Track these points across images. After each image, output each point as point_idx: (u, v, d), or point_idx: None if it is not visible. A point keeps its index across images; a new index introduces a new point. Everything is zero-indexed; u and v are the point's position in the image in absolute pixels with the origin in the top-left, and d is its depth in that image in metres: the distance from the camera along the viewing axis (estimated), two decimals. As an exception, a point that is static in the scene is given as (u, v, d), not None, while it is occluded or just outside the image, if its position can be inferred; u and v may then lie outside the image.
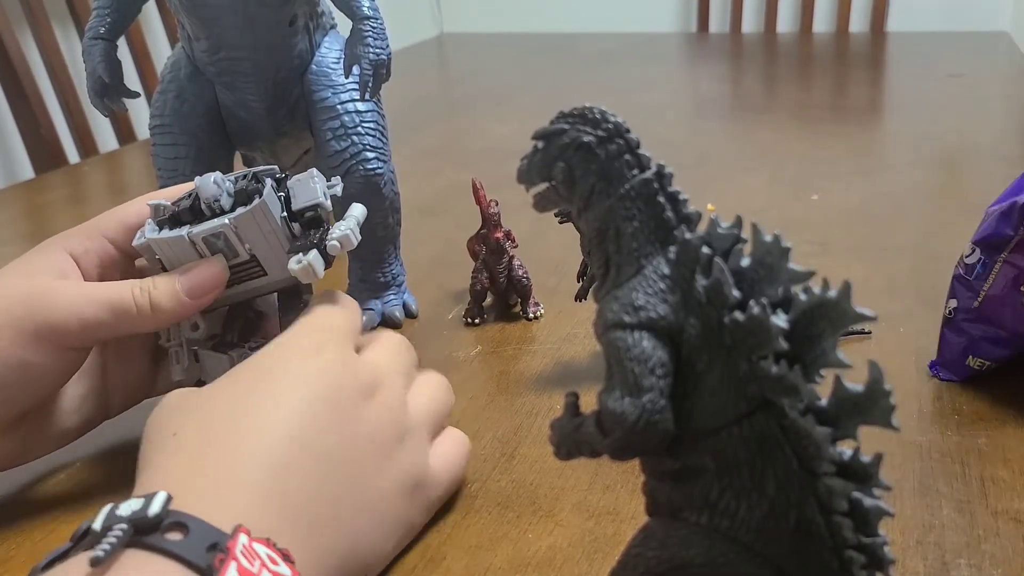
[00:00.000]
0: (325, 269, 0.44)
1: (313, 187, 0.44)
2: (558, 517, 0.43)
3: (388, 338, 0.45)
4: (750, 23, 2.00)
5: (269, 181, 0.45)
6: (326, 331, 0.41)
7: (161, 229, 0.45)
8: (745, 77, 1.48)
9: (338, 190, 0.46)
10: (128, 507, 0.31)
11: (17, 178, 1.47)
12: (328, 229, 0.44)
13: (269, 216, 0.44)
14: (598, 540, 0.41)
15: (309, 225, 0.45)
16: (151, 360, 0.50)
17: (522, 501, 0.44)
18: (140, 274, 0.50)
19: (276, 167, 0.46)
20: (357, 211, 0.45)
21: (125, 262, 0.49)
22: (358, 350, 0.42)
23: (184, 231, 0.45)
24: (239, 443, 0.35)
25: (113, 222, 0.48)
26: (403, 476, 0.40)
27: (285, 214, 0.44)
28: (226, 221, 0.44)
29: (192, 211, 0.45)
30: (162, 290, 0.45)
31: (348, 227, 0.44)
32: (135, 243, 0.46)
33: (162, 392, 0.48)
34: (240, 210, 0.44)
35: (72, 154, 1.38)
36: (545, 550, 0.41)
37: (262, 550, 0.31)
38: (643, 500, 0.31)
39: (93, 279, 0.47)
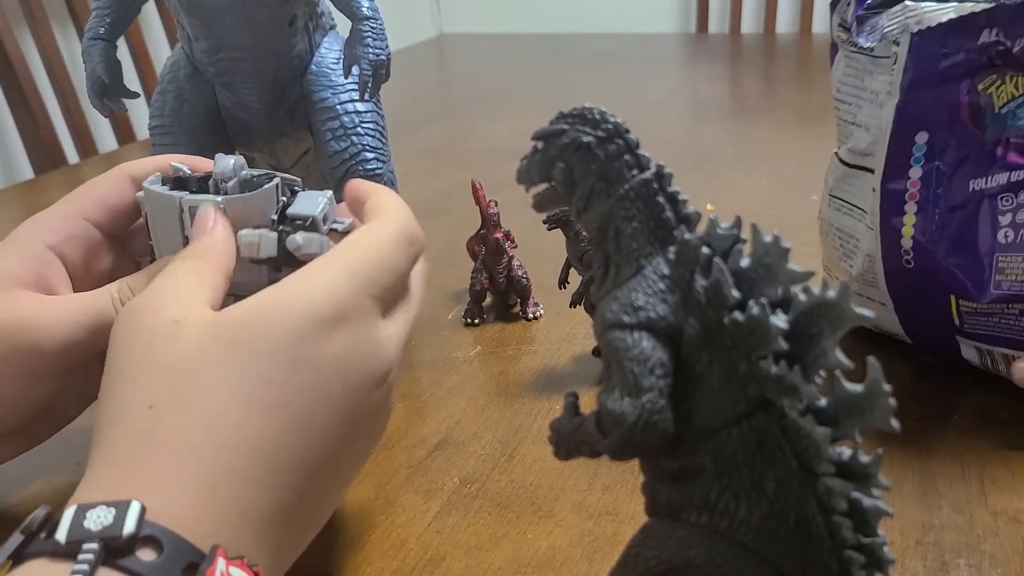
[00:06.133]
0: (270, 259, 0.41)
1: (316, 202, 0.43)
2: (558, 517, 0.43)
3: (375, 242, 0.37)
4: (749, 24, 2.00)
5: (277, 180, 0.44)
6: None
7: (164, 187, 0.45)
8: (744, 77, 1.48)
9: (338, 227, 0.44)
10: (98, 519, 0.28)
11: (17, 179, 1.47)
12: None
13: (260, 209, 0.43)
14: (598, 540, 0.41)
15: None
16: None
17: (522, 501, 0.44)
18: (131, 256, 0.47)
19: (299, 179, 0.45)
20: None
21: (112, 243, 0.45)
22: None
23: (178, 194, 0.44)
24: (220, 448, 0.32)
25: (90, 202, 0.45)
26: (373, 430, 0.37)
27: (275, 217, 0.43)
28: (218, 199, 0.43)
29: (200, 182, 0.44)
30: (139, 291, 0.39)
31: (320, 239, 0.42)
32: (138, 193, 0.45)
33: None
34: (237, 195, 0.43)
35: (72, 154, 1.38)
36: (545, 550, 0.41)
37: (238, 574, 0.29)
38: (643, 500, 0.31)
39: (80, 270, 0.44)
